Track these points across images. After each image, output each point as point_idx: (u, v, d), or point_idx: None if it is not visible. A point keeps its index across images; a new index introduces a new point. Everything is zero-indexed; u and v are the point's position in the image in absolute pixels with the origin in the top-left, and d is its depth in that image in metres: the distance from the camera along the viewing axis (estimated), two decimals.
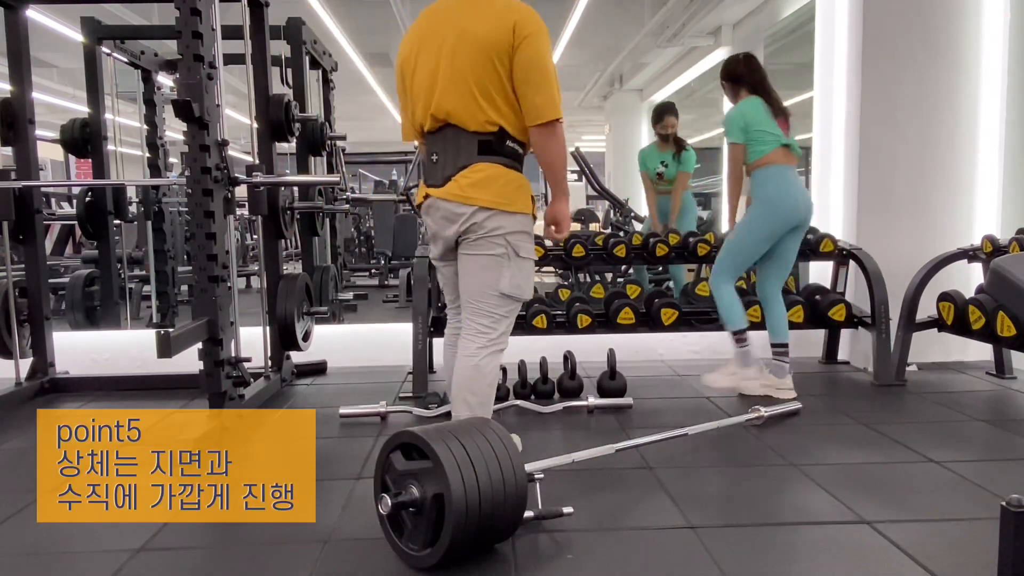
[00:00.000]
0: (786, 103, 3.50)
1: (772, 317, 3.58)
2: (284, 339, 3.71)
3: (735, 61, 3.51)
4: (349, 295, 6.26)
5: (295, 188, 4.09)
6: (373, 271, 9.58)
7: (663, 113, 5.32)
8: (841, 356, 4.30)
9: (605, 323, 3.88)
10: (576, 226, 8.99)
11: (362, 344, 4.55)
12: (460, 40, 2.25)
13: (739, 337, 3.52)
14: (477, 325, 2.38)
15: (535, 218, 2.42)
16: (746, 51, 3.68)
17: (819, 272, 4.45)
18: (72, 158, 6.34)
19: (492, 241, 2.30)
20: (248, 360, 3.27)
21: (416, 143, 2.59)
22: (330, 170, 5.15)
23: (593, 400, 3.36)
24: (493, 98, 2.26)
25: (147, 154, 5.49)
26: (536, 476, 2.17)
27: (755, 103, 3.39)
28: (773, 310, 3.57)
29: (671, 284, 5.47)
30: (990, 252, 3.65)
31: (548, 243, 4.26)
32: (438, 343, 4.09)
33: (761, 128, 3.35)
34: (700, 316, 3.95)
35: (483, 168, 2.28)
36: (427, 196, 2.41)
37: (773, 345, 3.57)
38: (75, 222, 5.62)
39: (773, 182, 3.38)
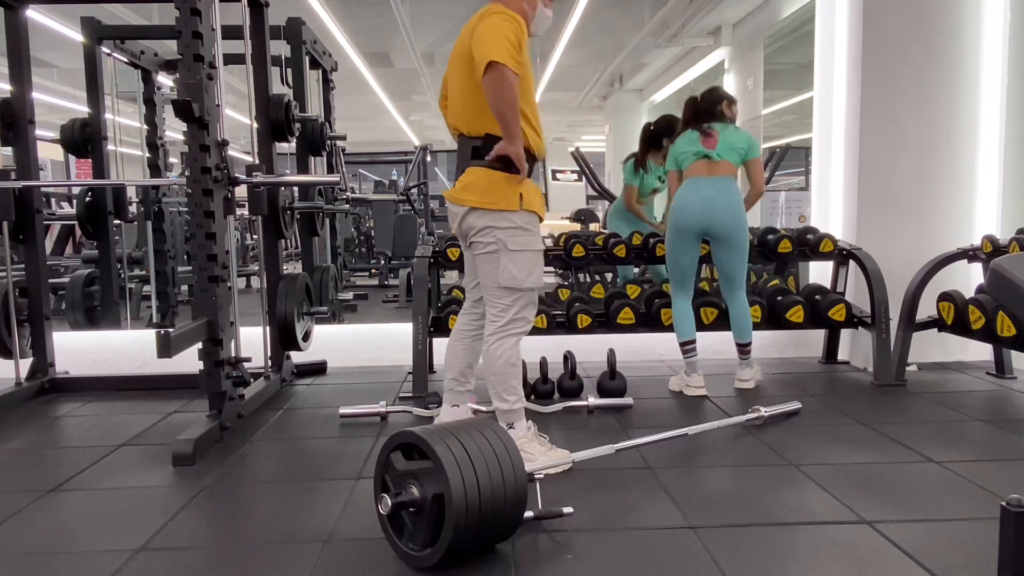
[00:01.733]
0: (786, 103, 3.52)
1: (731, 320, 3.70)
2: (284, 339, 3.72)
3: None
4: (349, 295, 6.26)
5: (295, 188, 4.10)
6: (373, 271, 9.58)
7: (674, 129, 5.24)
8: (841, 356, 4.30)
9: (605, 323, 3.88)
10: (576, 226, 8.99)
11: (362, 344, 4.55)
12: (456, 56, 2.57)
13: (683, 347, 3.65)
14: (489, 315, 2.62)
15: (537, 215, 2.58)
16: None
17: (819, 272, 4.45)
18: (72, 158, 6.35)
19: (484, 238, 2.54)
20: (248, 360, 3.27)
21: None
22: (330, 170, 5.15)
23: (593, 400, 3.36)
24: (480, 106, 2.46)
25: (147, 154, 5.49)
26: (536, 476, 2.18)
27: (680, 139, 3.62)
28: (731, 313, 3.70)
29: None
30: (990, 252, 3.65)
31: (548, 242, 4.26)
32: (438, 343, 4.10)
33: (684, 151, 3.57)
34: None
35: (472, 172, 2.54)
36: None
37: (736, 344, 3.72)
38: (75, 222, 5.62)
39: (679, 192, 3.59)
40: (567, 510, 2.14)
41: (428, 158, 10.14)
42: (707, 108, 3.58)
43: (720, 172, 3.49)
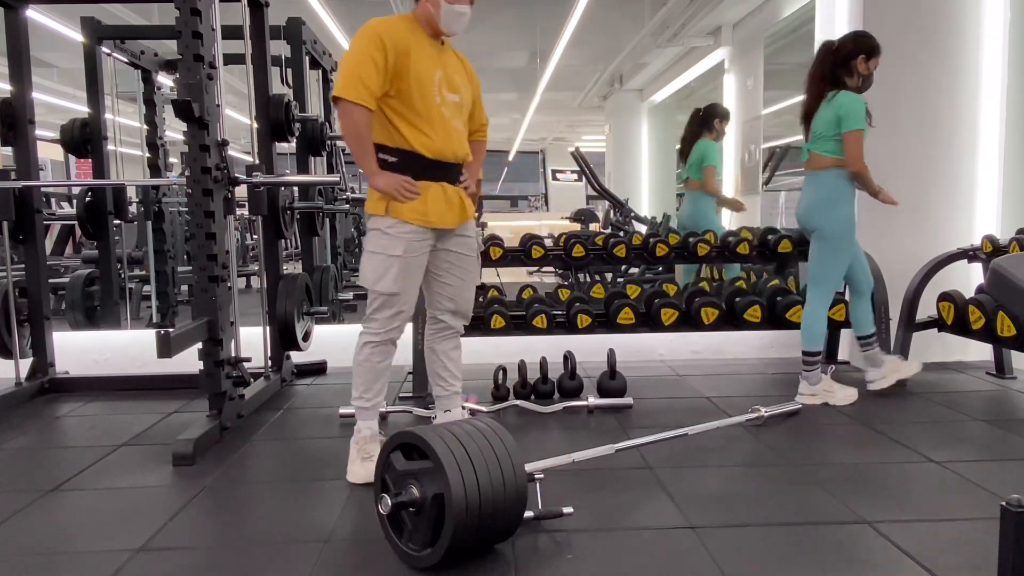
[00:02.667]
0: (786, 103, 3.51)
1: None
2: (284, 339, 3.72)
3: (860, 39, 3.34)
4: (349, 295, 6.25)
5: (295, 188, 4.09)
6: None
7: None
8: (841, 356, 4.29)
9: (605, 323, 3.88)
10: (576, 226, 9.00)
11: None
12: None
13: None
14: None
15: (407, 221, 2.52)
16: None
17: None
18: (72, 158, 6.34)
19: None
20: (248, 360, 3.27)
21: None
22: (330, 170, 5.15)
23: (593, 400, 3.36)
24: (376, 116, 2.51)
25: (147, 154, 5.49)
26: (536, 476, 2.18)
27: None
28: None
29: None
30: (990, 252, 3.65)
31: (548, 242, 4.27)
32: None
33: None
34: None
35: None
36: None
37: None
38: (75, 222, 5.61)
39: None
40: (567, 510, 2.14)
41: None
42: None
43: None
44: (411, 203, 2.49)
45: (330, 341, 4.33)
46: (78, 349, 4.19)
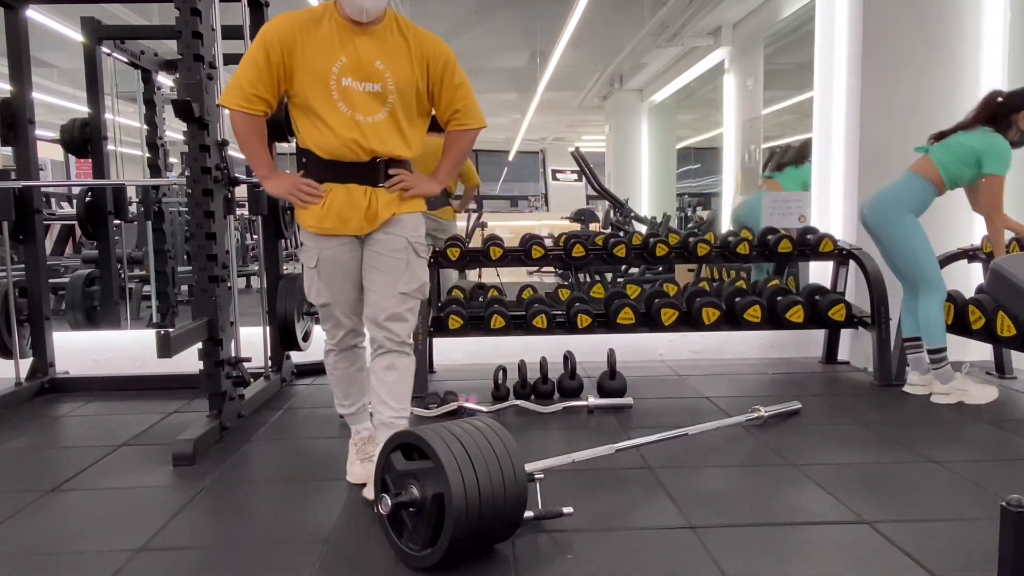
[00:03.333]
0: (786, 103, 3.50)
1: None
2: (284, 339, 3.71)
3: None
4: None
5: None
6: None
7: None
8: (841, 356, 4.30)
9: (605, 323, 3.88)
10: (576, 226, 9.00)
11: None
12: None
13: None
14: None
15: (306, 229, 2.41)
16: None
17: (819, 272, 4.45)
18: (72, 158, 6.34)
19: None
20: (248, 360, 3.27)
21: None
22: None
23: (593, 400, 3.36)
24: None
25: (147, 154, 5.49)
26: (536, 476, 2.18)
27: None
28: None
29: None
30: (990, 252, 3.65)
31: (548, 242, 4.26)
32: (438, 343, 4.11)
33: None
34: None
35: None
36: None
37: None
38: (75, 222, 5.62)
39: None
40: (567, 510, 2.14)
41: None
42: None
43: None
44: (311, 209, 2.34)
45: None
46: (78, 349, 4.19)
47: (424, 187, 2.45)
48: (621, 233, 5.88)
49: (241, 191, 3.39)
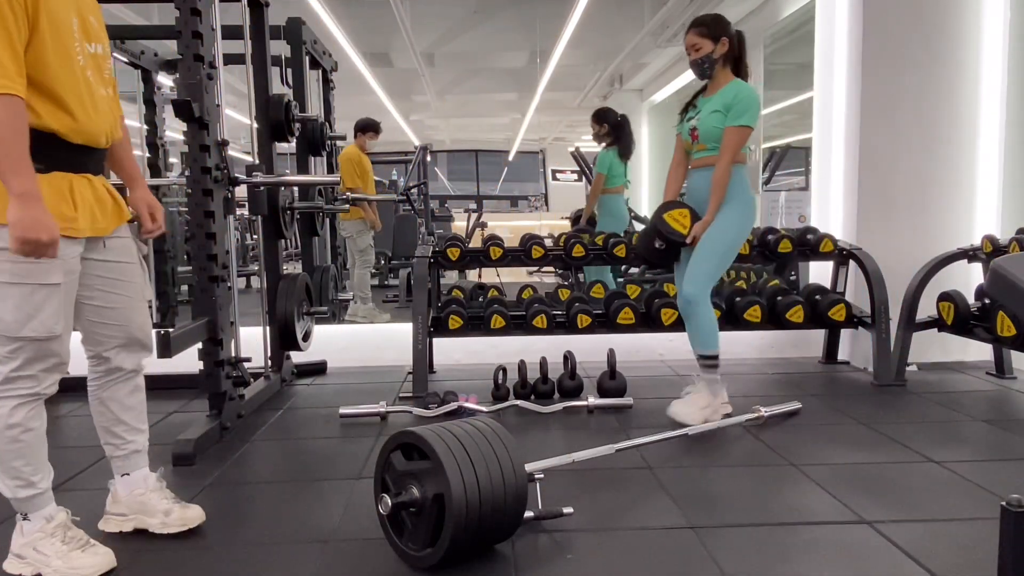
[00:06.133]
0: (786, 103, 3.49)
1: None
2: (284, 339, 3.71)
3: None
4: (349, 295, 6.26)
5: (295, 188, 4.09)
6: (373, 271, 9.57)
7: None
8: (841, 356, 4.30)
9: (605, 323, 3.88)
10: None
11: (362, 344, 4.55)
12: None
13: (715, 361, 3.06)
14: None
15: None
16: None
17: (819, 272, 4.45)
18: None
19: None
20: (248, 360, 3.27)
21: None
22: (330, 170, 5.15)
23: (593, 400, 3.36)
24: None
25: (147, 154, 5.49)
26: (536, 476, 2.18)
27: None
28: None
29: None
30: (990, 252, 3.65)
31: (548, 242, 4.26)
32: (438, 343, 4.11)
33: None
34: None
35: None
36: None
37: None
38: None
39: (747, 183, 3.17)
40: (567, 510, 2.14)
41: (428, 158, 10.14)
42: None
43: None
44: (54, 205, 1.76)
45: (330, 341, 4.34)
46: (78, 349, 4.17)
47: None
48: (621, 233, 5.88)
49: (241, 191, 3.39)
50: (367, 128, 6.42)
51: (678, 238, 3.05)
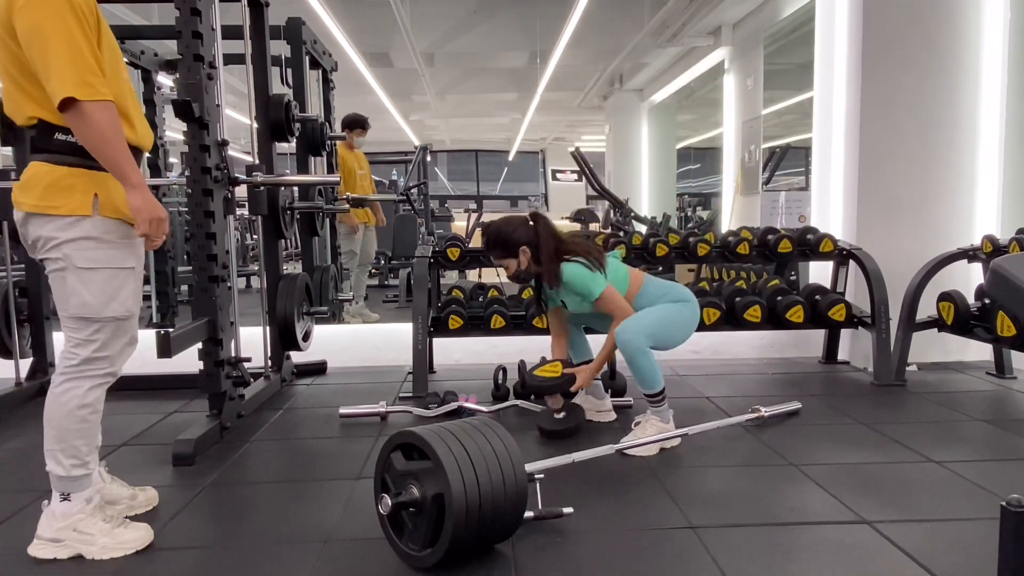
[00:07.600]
0: (786, 103, 3.48)
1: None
2: (284, 339, 3.72)
3: None
4: (349, 295, 6.26)
5: (295, 188, 4.10)
6: (373, 271, 9.58)
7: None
8: (841, 356, 4.30)
9: None
10: (576, 226, 8.98)
11: (362, 344, 4.55)
12: None
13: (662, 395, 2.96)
14: (65, 348, 2.03)
15: (126, 221, 2.01)
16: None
17: (819, 272, 4.45)
18: None
19: (47, 253, 1.97)
20: (248, 360, 3.27)
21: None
22: (330, 170, 5.15)
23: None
24: (23, 86, 1.93)
25: (147, 154, 5.48)
26: (536, 476, 2.18)
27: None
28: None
29: None
30: (990, 252, 3.65)
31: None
32: (438, 343, 4.11)
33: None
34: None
35: (31, 167, 2.00)
36: None
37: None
38: None
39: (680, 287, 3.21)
40: (567, 510, 2.14)
41: (428, 158, 10.15)
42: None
43: None
44: (125, 202, 1.96)
45: (330, 341, 4.34)
46: None
47: None
48: (621, 233, 5.88)
49: (241, 191, 3.39)
50: (353, 124, 6.12)
51: (552, 382, 2.98)
